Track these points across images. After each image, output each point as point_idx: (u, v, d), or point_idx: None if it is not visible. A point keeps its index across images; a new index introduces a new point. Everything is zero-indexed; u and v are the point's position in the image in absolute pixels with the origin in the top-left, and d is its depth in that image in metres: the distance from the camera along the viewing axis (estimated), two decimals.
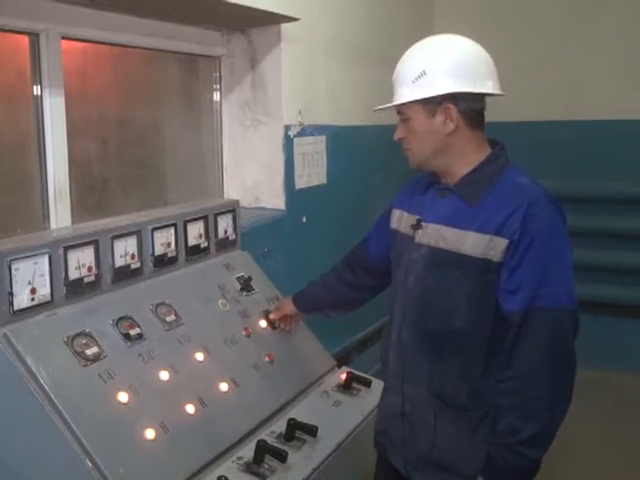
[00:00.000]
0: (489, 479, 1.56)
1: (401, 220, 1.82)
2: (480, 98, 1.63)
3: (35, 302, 1.67)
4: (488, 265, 1.55)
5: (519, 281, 1.52)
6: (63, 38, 2.10)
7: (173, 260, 2.11)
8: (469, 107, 1.61)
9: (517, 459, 1.52)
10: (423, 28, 4.01)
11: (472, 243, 1.57)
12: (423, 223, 1.69)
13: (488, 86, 1.63)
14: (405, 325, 1.71)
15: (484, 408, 1.60)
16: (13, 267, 1.61)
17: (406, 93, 1.63)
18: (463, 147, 1.64)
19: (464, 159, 1.64)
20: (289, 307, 2.21)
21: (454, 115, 1.60)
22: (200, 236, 2.23)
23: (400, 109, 1.67)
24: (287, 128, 2.84)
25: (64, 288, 1.75)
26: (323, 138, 3.11)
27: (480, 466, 1.57)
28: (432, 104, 1.60)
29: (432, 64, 1.60)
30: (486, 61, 1.64)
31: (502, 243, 1.53)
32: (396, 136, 1.71)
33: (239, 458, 1.75)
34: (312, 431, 1.86)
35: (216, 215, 2.31)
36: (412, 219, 1.74)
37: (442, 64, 1.60)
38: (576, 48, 4.22)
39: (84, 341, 1.69)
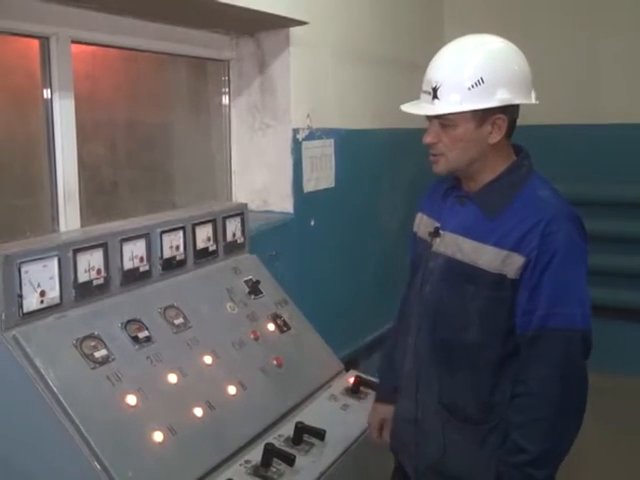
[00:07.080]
0: None
1: (420, 223, 1.79)
2: (518, 107, 1.58)
3: (44, 305, 1.68)
4: (502, 281, 1.52)
5: (536, 300, 1.49)
6: (73, 42, 2.11)
7: (181, 263, 2.12)
8: (513, 117, 1.57)
9: (524, 479, 1.49)
10: (432, 32, 4.01)
11: (488, 257, 1.53)
12: (441, 231, 1.65)
13: (533, 96, 1.59)
14: (421, 333, 1.68)
15: (493, 421, 1.58)
16: (22, 270, 1.62)
17: (459, 100, 1.51)
18: (497, 156, 1.59)
19: (492, 167, 1.59)
20: (385, 411, 1.88)
21: (503, 126, 1.54)
22: (208, 239, 2.24)
23: (443, 114, 1.55)
24: (295, 131, 2.84)
25: (73, 291, 1.75)
26: (331, 141, 3.11)
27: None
28: (483, 114, 1.52)
29: (490, 72, 1.51)
30: (529, 70, 1.58)
31: (518, 260, 1.50)
32: (428, 140, 1.59)
33: (247, 461, 1.75)
34: (320, 435, 1.86)
35: (224, 218, 2.31)
36: (430, 225, 1.71)
37: (501, 74, 1.52)
38: (585, 52, 4.21)
39: (93, 344, 1.69)
